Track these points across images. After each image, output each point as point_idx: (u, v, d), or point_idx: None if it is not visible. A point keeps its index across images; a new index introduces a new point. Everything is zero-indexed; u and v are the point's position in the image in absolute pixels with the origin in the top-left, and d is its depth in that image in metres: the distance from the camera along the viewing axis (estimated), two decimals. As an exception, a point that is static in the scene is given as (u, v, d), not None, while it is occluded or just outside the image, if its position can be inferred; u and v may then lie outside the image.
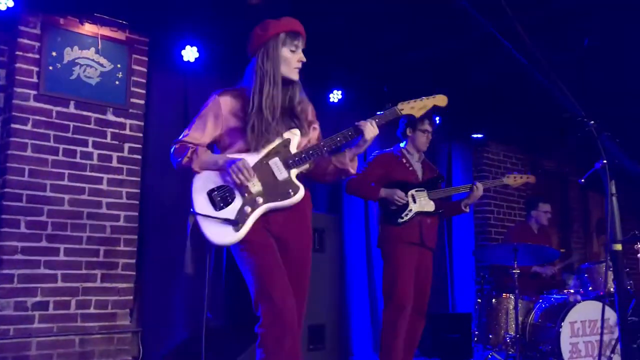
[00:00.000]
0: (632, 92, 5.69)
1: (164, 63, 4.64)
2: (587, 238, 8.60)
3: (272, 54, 2.46)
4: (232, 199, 2.43)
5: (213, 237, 2.41)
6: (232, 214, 2.41)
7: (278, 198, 2.45)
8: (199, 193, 2.46)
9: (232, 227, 2.38)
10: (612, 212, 1.37)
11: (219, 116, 2.53)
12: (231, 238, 2.40)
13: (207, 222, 2.41)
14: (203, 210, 2.43)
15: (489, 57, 4.94)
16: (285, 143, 2.51)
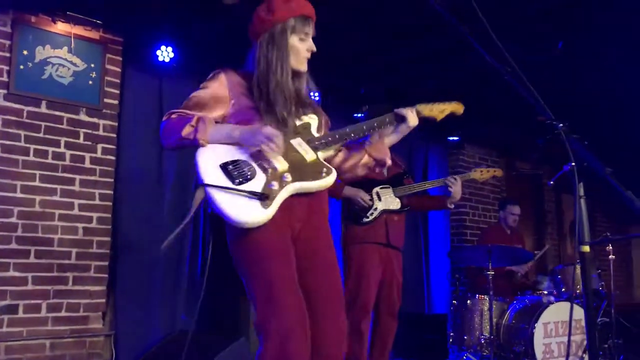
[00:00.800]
0: (603, 95, 5.78)
1: (138, 63, 4.59)
2: (561, 240, 8.72)
3: (279, 43, 2.16)
4: (252, 175, 2.01)
5: (236, 213, 1.92)
6: (256, 188, 1.97)
7: (309, 178, 2.08)
8: (209, 165, 2.02)
9: (259, 203, 1.94)
10: (580, 214, 1.38)
11: (224, 92, 2.18)
12: (259, 215, 1.92)
13: (225, 197, 1.94)
14: (218, 182, 1.97)
15: (464, 59, 4.99)
16: (305, 125, 2.23)
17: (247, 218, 1.92)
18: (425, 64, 5.10)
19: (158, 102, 4.67)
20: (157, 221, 4.53)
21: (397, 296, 3.90)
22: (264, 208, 1.93)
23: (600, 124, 6.27)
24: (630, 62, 4.92)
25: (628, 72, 5.18)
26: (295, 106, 2.23)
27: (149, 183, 4.56)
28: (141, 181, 4.52)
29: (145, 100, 4.62)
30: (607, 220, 9.13)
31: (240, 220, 1.92)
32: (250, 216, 1.92)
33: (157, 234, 4.52)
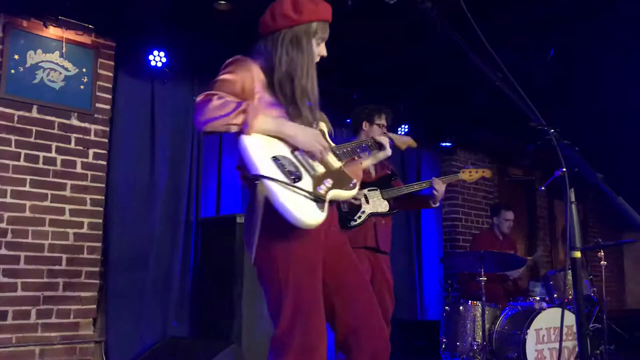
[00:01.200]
0: (591, 100, 5.81)
1: (131, 68, 4.57)
2: (553, 245, 8.73)
3: (304, 47, 2.07)
4: (299, 173, 1.92)
5: (300, 213, 1.80)
6: (308, 188, 1.89)
7: (344, 187, 2.05)
8: (262, 156, 1.88)
9: (315, 205, 1.86)
10: (571, 220, 1.38)
11: (251, 84, 2.03)
12: (318, 217, 1.84)
13: (285, 192, 1.82)
14: (277, 177, 1.84)
15: (457, 64, 5.00)
16: (322, 133, 2.15)
17: (308, 219, 1.82)
18: (418, 70, 5.11)
19: (150, 107, 4.66)
20: (149, 226, 4.51)
21: (390, 300, 3.81)
22: (320, 211, 1.86)
23: (595, 131, 6.31)
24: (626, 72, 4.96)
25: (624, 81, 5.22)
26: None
27: (140, 188, 4.53)
28: (133, 186, 4.50)
29: (137, 105, 4.61)
30: (599, 226, 9.17)
31: (303, 220, 1.80)
32: (311, 217, 1.83)
33: (149, 240, 4.50)
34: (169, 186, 4.67)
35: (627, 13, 4.20)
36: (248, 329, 4.12)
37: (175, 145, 4.76)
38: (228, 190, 5.07)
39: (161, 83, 4.70)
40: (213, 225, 4.66)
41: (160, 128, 4.67)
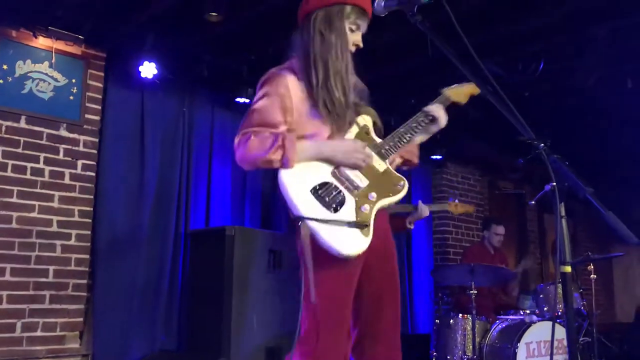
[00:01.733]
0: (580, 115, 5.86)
1: (121, 78, 4.56)
2: (543, 259, 8.75)
3: (336, 24, 2.02)
4: (342, 198, 1.94)
5: (342, 247, 1.85)
6: (351, 214, 1.92)
7: (389, 192, 2.02)
8: (300, 192, 1.91)
9: (358, 231, 1.89)
10: (561, 234, 1.38)
11: (289, 100, 1.99)
12: (363, 245, 1.89)
13: (327, 228, 1.87)
14: (316, 214, 1.88)
15: (449, 76, 5.02)
16: (366, 131, 2.11)
17: (353, 250, 1.87)
18: (408, 81, 5.13)
19: (140, 118, 4.64)
20: (137, 238, 4.47)
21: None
22: (364, 236, 1.90)
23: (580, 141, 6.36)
24: (611, 85, 5.00)
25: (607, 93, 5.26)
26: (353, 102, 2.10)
27: (129, 200, 4.50)
28: (122, 198, 4.46)
29: (127, 116, 4.59)
30: (589, 239, 9.20)
31: (348, 254, 1.86)
32: (356, 248, 1.88)
33: (137, 252, 4.46)
34: (158, 198, 4.64)
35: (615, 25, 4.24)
36: (237, 342, 4.07)
37: (164, 157, 4.73)
38: (218, 202, 5.04)
39: (151, 94, 4.69)
40: (202, 238, 4.62)
41: (150, 139, 4.65)
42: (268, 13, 4.06)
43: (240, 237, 4.26)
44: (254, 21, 4.23)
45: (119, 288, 4.33)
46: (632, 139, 6.59)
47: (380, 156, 2.07)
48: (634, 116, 6.03)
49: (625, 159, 7.35)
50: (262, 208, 5.30)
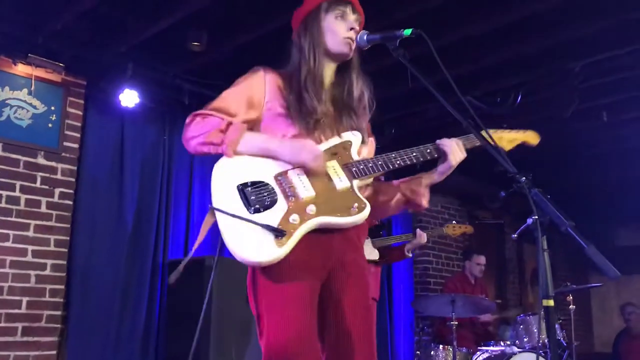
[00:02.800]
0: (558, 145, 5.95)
1: (101, 106, 4.53)
2: (522, 289, 8.78)
3: (311, 27, 1.95)
4: (271, 201, 1.75)
5: (242, 250, 1.67)
6: (273, 220, 1.71)
7: (336, 212, 1.78)
8: (225, 184, 1.78)
9: (272, 239, 1.68)
10: (543, 267, 1.38)
11: (260, 93, 1.91)
12: (270, 254, 1.67)
13: (235, 227, 1.70)
14: (230, 208, 1.72)
15: (428, 106, 5.10)
16: (345, 145, 1.92)
17: (254, 256, 1.67)
18: (386, 113, 5.17)
19: (120, 146, 4.60)
20: (114, 268, 4.40)
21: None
22: (277, 246, 1.67)
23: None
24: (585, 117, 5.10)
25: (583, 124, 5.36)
26: (340, 110, 1.97)
27: (107, 229, 4.43)
28: (99, 227, 4.39)
29: (107, 144, 4.55)
30: (566, 269, 9.27)
31: (245, 258, 1.67)
32: (259, 254, 1.66)
33: (114, 282, 4.38)
34: (136, 227, 4.57)
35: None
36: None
37: (144, 186, 4.68)
38: (197, 232, 4.96)
39: (131, 122, 4.66)
40: (181, 268, 4.55)
41: (130, 168, 4.61)
42: (250, 43, 4.10)
43: (220, 267, 4.20)
44: (236, 51, 4.26)
45: (94, 320, 4.23)
46: (612, 170, 6.72)
47: (349, 174, 1.86)
48: (611, 148, 6.16)
49: (607, 189, 7.48)
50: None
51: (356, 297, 1.85)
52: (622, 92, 4.84)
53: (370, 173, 1.89)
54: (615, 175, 6.90)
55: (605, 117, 5.14)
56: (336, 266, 1.83)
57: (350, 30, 1.94)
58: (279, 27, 3.75)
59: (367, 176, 1.89)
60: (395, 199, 2.04)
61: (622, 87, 4.75)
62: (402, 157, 1.93)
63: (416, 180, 2.04)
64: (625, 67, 4.43)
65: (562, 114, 4.62)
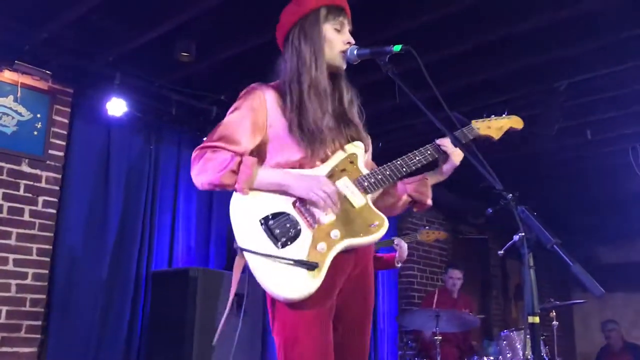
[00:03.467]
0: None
1: (88, 115, 4.50)
2: (506, 304, 8.81)
3: (311, 33, 1.89)
4: (296, 231, 1.74)
5: (280, 288, 1.66)
6: (302, 252, 1.70)
7: (360, 233, 1.78)
8: (247, 221, 1.74)
9: (305, 272, 1.67)
10: (529, 284, 1.39)
11: (263, 115, 1.86)
12: (306, 288, 1.66)
13: (266, 265, 1.68)
14: (258, 247, 1.70)
15: (415, 121, 5.14)
16: (351, 159, 1.91)
17: (292, 294, 1.66)
18: (374, 127, 5.19)
19: (105, 155, 4.57)
20: (97, 279, 4.34)
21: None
22: (311, 279, 1.66)
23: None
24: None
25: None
26: (338, 120, 1.94)
27: (91, 238, 4.38)
28: (83, 236, 4.34)
29: (93, 152, 4.51)
30: (549, 284, 9.32)
31: (285, 297, 1.67)
32: (296, 292, 1.66)
33: (97, 293, 4.32)
34: (120, 237, 4.53)
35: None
36: (197, 388, 3.95)
37: (129, 195, 4.65)
38: (182, 243, 4.95)
39: (118, 131, 4.63)
40: (165, 279, 4.51)
41: (115, 177, 4.57)
42: (239, 55, 4.10)
43: (204, 279, 4.17)
44: (225, 63, 4.26)
45: (75, 330, 4.17)
46: (596, 188, 6.79)
47: (362, 189, 1.86)
48: (595, 166, 6.24)
49: (591, 207, 7.55)
50: (228, 249, 5.22)
51: (357, 313, 1.87)
52: (606, 111, 4.91)
53: (381, 185, 1.90)
54: (599, 193, 6.98)
55: (589, 135, 5.21)
56: (346, 281, 1.83)
57: (347, 43, 1.94)
58: (266, 41, 3.76)
59: (378, 189, 1.91)
60: (403, 200, 2.08)
61: (606, 106, 4.83)
62: (407, 163, 1.94)
63: (422, 181, 2.07)
64: (608, 87, 4.50)
65: (547, 131, 4.67)
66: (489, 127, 2.13)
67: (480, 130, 2.12)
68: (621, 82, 4.41)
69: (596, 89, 4.54)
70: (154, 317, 4.45)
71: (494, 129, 2.14)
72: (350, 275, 1.84)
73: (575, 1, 3.51)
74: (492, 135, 2.13)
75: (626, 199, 6.97)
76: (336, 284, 1.79)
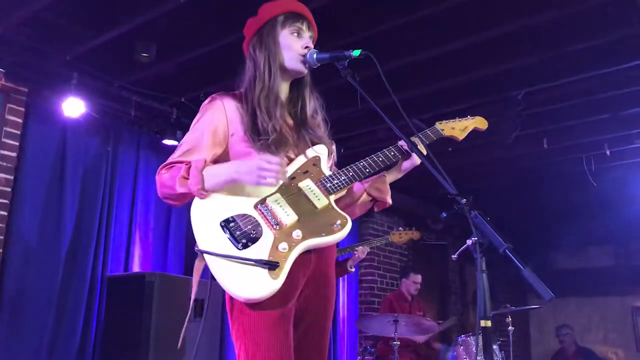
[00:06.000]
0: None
1: (42, 115, 4.39)
2: (464, 309, 8.92)
3: (267, 41, 1.93)
4: (257, 232, 1.74)
5: (240, 288, 1.66)
6: (263, 253, 1.70)
7: (321, 232, 1.78)
8: (207, 224, 1.75)
9: (267, 272, 1.66)
10: (482, 288, 1.40)
11: (222, 124, 1.87)
12: (267, 288, 1.65)
13: (227, 267, 1.68)
14: (219, 249, 1.70)
15: (376, 127, 5.17)
16: (314, 161, 1.93)
17: (253, 294, 1.65)
18: (335, 133, 5.21)
19: (61, 156, 4.46)
20: (49, 284, 4.22)
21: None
22: (272, 279, 1.66)
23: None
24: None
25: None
26: (299, 125, 1.97)
27: (44, 241, 4.26)
28: (36, 239, 4.22)
29: (47, 153, 4.40)
30: (505, 290, 9.48)
31: (245, 297, 1.66)
32: (257, 291, 1.65)
33: (49, 297, 4.20)
34: (75, 240, 4.42)
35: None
36: (152, 395, 3.87)
37: (85, 198, 4.54)
38: (139, 246, 4.86)
39: (74, 132, 4.53)
40: (120, 283, 4.41)
41: (70, 178, 4.46)
42: (200, 57, 4.07)
43: (161, 284, 4.09)
44: (186, 65, 4.22)
45: (26, 336, 4.04)
46: (551, 195, 6.95)
47: (325, 190, 1.86)
48: (550, 174, 6.38)
49: (546, 214, 7.72)
50: (187, 254, 5.15)
51: (318, 316, 1.86)
52: (562, 120, 5.04)
53: (344, 186, 1.90)
54: (554, 200, 7.14)
55: (545, 144, 5.33)
56: (307, 282, 1.82)
57: (305, 48, 1.94)
58: (227, 44, 3.75)
59: (341, 190, 1.91)
60: (362, 199, 2.09)
61: (562, 115, 4.95)
62: (371, 164, 1.95)
63: (380, 179, 2.08)
64: (564, 97, 4.62)
65: (505, 139, 4.76)
66: (453, 128, 2.17)
67: (445, 131, 2.15)
68: (578, 91, 4.53)
69: (553, 98, 4.65)
70: (109, 322, 4.35)
71: (458, 130, 2.18)
72: (311, 276, 1.83)
73: (534, 12, 3.59)
74: (457, 136, 2.17)
75: (581, 207, 7.15)
76: (298, 285, 1.79)
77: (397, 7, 3.60)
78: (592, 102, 4.70)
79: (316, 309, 1.86)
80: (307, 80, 2.04)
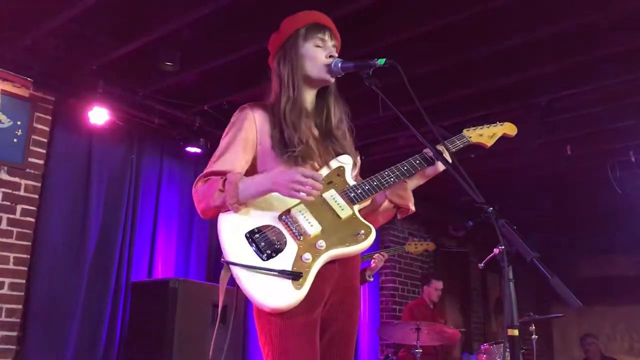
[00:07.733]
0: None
1: (69, 123, 4.47)
2: (486, 317, 8.84)
3: (290, 54, 1.97)
4: (281, 243, 1.77)
5: (265, 298, 1.67)
6: (287, 263, 1.73)
7: (345, 242, 1.80)
8: (233, 235, 1.77)
9: (290, 283, 1.69)
10: (509, 297, 1.39)
11: (252, 134, 1.91)
12: (291, 298, 1.67)
13: (252, 278, 1.70)
14: (244, 260, 1.72)
15: (398, 134, 5.17)
16: (338, 172, 1.94)
17: (277, 303, 1.67)
18: (356, 140, 5.22)
19: (86, 164, 4.53)
20: (75, 289, 4.28)
21: None
22: (296, 289, 1.68)
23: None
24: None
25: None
26: (324, 136, 1.99)
27: (69, 248, 4.33)
28: (61, 245, 4.29)
29: (73, 161, 4.47)
30: (529, 298, 9.38)
31: (270, 306, 1.67)
32: (281, 301, 1.67)
33: (74, 303, 4.26)
34: (100, 247, 4.48)
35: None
36: (176, 400, 3.90)
37: (109, 205, 4.61)
38: (162, 253, 4.91)
39: (100, 140, 4.60)
40: (144, 290, 4.45)
41: (95, 186, 4.53)
42: (223, 66, 4.10)
43: (184, 290, 4.13)
44: (209, 73, 4.26)
45: (52, 341, 4.11)
46: (576, 203, 6.87)
47: (349, 200, 1.87)
48: (575, 181, 6.31)
49: (570, 221, 7.63)
50: (208, 260, 5.19)
51: (343, 326, 1.87)
52: (586, 126, 4.98)
53: (368, 195, 1.90)
54: (578, 207, 7.06)
55: (569, 150, 5.28)
56: (332, 292, 1.83)
57: (329, 57, 1.96)
58: (250, 53, 3.78)
59: (365, 200, 1.91)
60: (383, 206, 2.07)
61: (586, 121, 4.89)
62: (395, 173, 1.95)
63: (402, 185, 2.05)
64: (588, 103, 4.57)
65: (528, 146, 4.72)
66: (481, 135, 2.15)
67: (472, 138, 2.13)
68: (601, 98, 4.48)
69: (577, 104, 4.61)
70: (133, 328, 4.40)
71: (486, 136, 2.16)
72: (336, 286, 1.85)
73: (557, 19, 3.57)
74: (484, 142, 2.15)
75: (605, 214, 7.06)
76: (323, 295, 1.80)
77: (420, 15, 3.60)
78: (616, 108, 4.65)
79: (342, 318, 1.87)
80: (333, 89, 2.05)
